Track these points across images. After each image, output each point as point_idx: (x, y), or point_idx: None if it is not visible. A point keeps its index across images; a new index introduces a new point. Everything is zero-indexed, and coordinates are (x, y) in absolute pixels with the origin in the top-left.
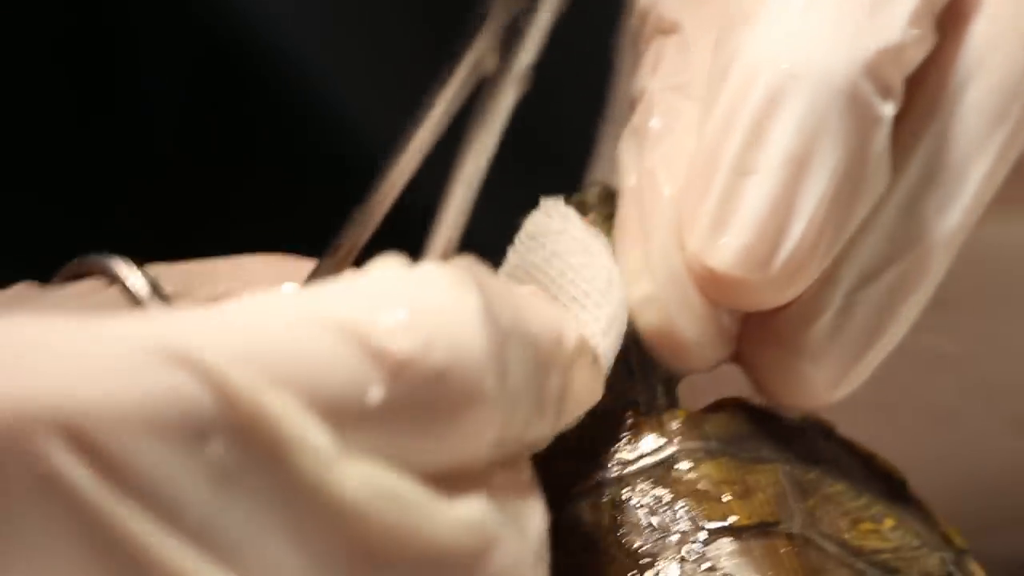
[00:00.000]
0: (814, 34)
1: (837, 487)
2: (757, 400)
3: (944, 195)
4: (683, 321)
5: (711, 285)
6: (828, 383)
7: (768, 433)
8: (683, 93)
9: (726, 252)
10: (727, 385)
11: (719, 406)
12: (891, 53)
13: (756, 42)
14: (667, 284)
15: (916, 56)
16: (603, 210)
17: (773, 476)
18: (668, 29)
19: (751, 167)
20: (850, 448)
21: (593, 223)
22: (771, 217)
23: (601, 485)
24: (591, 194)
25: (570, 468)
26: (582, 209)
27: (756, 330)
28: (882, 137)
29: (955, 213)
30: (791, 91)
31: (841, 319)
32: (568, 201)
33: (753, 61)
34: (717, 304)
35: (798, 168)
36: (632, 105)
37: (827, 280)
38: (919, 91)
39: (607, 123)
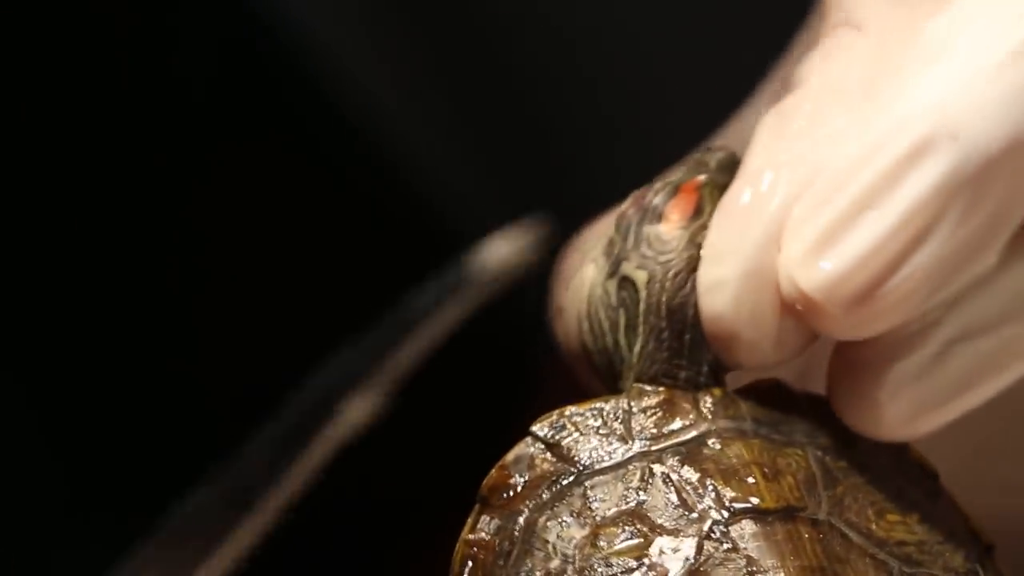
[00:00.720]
0: (988, 100)
1: (867, 476)
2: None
3: None
4: (745, 316)
5: (789, 297)
6: (900, 420)
7: (803, 417)
8: (840, 99)
9: (818, 275)
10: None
11: (756, 387)
12: None
13: (931, 85)
14: (746, 276)
15: None
16: (719, 177)
17: (803, 461)
18: (854, 25)
19: (876, 204)
20: None
21: (704, 186)
22: (874, 259)
23: (630, 459)
24: (714, 158)
25: (598, 442)
26: (699, 168)
27: (847, 345)
28: (1015, 222)
29: None
30: (944, 148)
31: (933, 364)
32: (693, 157)
33: (919, 103)
34: (787, 314)
35: (920, 223)
36: (788, 87)
37: (930, 322)
38: None
39: (757, 95)
